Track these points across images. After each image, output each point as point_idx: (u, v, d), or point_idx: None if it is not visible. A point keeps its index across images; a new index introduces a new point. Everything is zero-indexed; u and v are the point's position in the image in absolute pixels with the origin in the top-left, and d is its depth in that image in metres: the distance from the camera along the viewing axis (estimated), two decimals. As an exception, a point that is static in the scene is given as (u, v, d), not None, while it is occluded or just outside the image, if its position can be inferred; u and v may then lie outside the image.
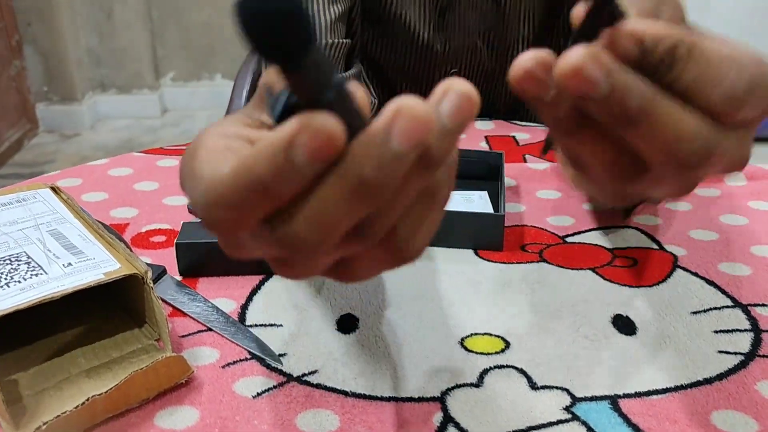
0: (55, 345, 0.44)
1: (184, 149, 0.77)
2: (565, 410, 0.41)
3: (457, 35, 0.79)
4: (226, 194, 0.21)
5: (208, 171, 0.22)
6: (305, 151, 0.19)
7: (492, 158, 0.68)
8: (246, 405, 0.41)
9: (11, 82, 2.67)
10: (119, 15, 2.84)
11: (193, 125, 2.95)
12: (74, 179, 0.70)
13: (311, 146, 0.19)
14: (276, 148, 0.20)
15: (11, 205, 0.49)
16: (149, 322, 0.44)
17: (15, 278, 0.41)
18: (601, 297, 0.51)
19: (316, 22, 0.63)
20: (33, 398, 0.39)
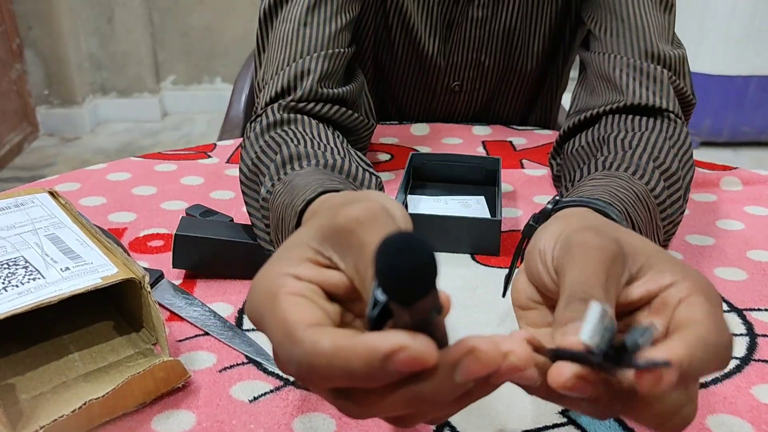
0: (52, 349, 0.44)
1: (182, 153, 0.78)
2: (560, 414, 0.41)
3: (462, 50, 0.79)
4: (321, 370, 0.25)
5: (308, 337, 0.26)
6: (399, 365, 0.24)
7: (489, 163, 0.68)
8: (243, 409, 0.41)
9: (12, 86, 2.68)
10: (120, 19, 2.84)
11: (194, 129, 2.95)
12: (72, 184, 0.70)
13: (406, 362, 0.24)
14: (375, 357, 0.24)
15: (9, 209, 0.50)
16: (146, 326, 0.45)
17: (13, 282, 0.41)
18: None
19: (321, 32, 0.63)
20: (30, 402, 0.40)
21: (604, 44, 0.64)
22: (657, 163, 0.52)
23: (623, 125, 0.58)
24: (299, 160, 0.49)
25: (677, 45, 0.65)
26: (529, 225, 0.43)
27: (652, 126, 0.57)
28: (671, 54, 0.62)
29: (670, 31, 0.65)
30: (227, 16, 2.92)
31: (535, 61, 0.82)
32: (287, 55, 0.62)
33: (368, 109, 0.68)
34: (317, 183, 0.41)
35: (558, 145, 0.65)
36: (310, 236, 0.31)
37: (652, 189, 0.49)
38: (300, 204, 0.40)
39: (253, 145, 0.55)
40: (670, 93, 0.60)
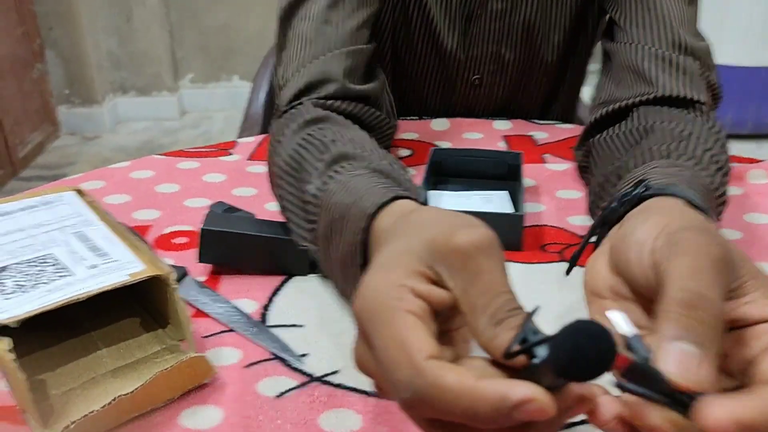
0: (81, 345, 0.44)
1: (204, 151, 0.78)
2: (587, 411, 0.40)
3: (481, 43, 0.79)
4: (442, 405, 0.26)
5: (431, 371, 0.26)
6: (526, 415, 0.25)
7: (511, 158, 0.68)
8: (269, 405, 0.41)
9: (34, 86, 2.71)
10: (138, 18, 2.87)
11: (212, 126, 2.97)
12: (97, 182, 0.71)
13: (533, 413, 0.25)
14: (505, 404, 0.25)
15: (37, 207, 0.50)
16: (173, 322, 0.45)
17: (42, 280, 0.41)
18: (622, 297, 0.51)
19: (342, 28, 0.63)
20: (60, 398, 0.40)
21: (629, 35, 0.64)
22: (710, 154, 0.50)
23: (661, 116, 0.57)
24: (347, 160, 0.48)
25: (701, 37, 0.65)
26: (612, 208, 0.41)
27: (692, 118, 0.56)
28: (698, 45, 0.61)
29: (695, 23, 0.65)
30: (244, 14, 2.93)
31: (555, 53, 0.81)
32: (309, 53, 0.62)
33: (390, 108, 0.68)
34: (383, 187, 0.41)
35: (584, 136, 0.65)
36: (420, 247, 0.31)
37: (711, 182, 0.48)
38: (370, 207, 0.39)
39: (291, 139, 0.53)
40: (701, 84, 0.59)
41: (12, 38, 2.55)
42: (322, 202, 0.45)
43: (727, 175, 0.52)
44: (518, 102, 0.87)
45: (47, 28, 2.74)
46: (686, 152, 0.50)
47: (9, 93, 2.50)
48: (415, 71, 0.83)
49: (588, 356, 0.24)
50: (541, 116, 0.90)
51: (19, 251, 0.45)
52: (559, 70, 0.85)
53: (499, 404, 0.25)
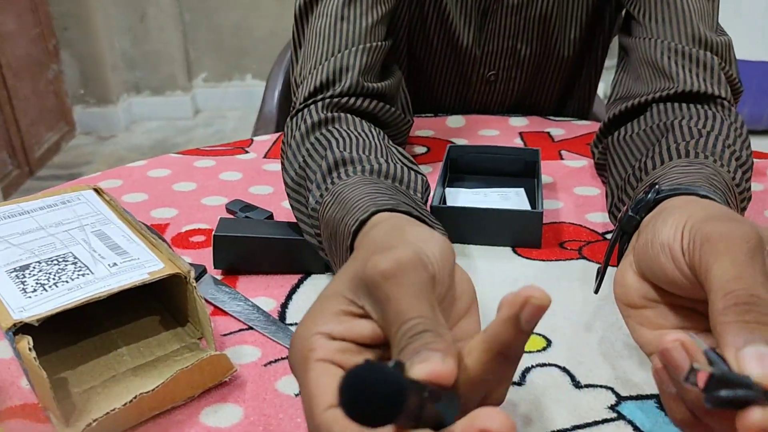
0: (101, 343, 0.44)
1: (220, 149, 0.78)
2: (610, 409, 0.40)
3: (497, 38, 0.78)
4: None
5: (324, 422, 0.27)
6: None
7: (528, 155, 0.67)
8: (289, 403, 0.41)
9: (49, 86, 2.73)
10: (152, 18, 2.88)
11: (225, 125, 2.98)
12: (114, 180, 0.71)
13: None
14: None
15: (56, 206, 0.50)
16: (192, 321, 0.45)
17: (63, 278, 0.42)
18: (643, 294, 0.50)
19: (358, 25, 0.63)
20: (81, 396, 0.40)
21: (648, 29, 0.63)
22: (731, 150, 0.50)
23: (681, 112, 0.56)
24: (344, 166, 0.48)
25: (721, 32, 0.64)
26: (629, 216, 0.41)
27: (713, 114, 0.55)
28: (717, 40, 0.60)
29: (714, 18, 0.64)
30: (256, 13, 2.94)
31: (572, 49, 0.80)
32: (325, 50, 0.62)
33: (405, 105, 0.68)
34: (368, 199, 0.41)
35: (602, 133, 0.64)
36: (344, 285, 0.32)
37: (733, 178, 0.47)
38: (353, 224, 0.40)
39: (300, 149, 0.54)
40: (722, 79, 0.59)
41: (28, 39, 2.57)
42: (320, 215, 0.46)
43: (750, 171, 0.51)
44: (534, 98, 0.87)
45: (62, 29, 2.77)
46: (706, 149, 0.49)
47: (25, 93, 2.52)
48: (430, 67, 0.83)
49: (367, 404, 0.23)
50: (557, 112, 0.89)
51: (40, 250, 0.45)
52: (575, 66, 0.84)
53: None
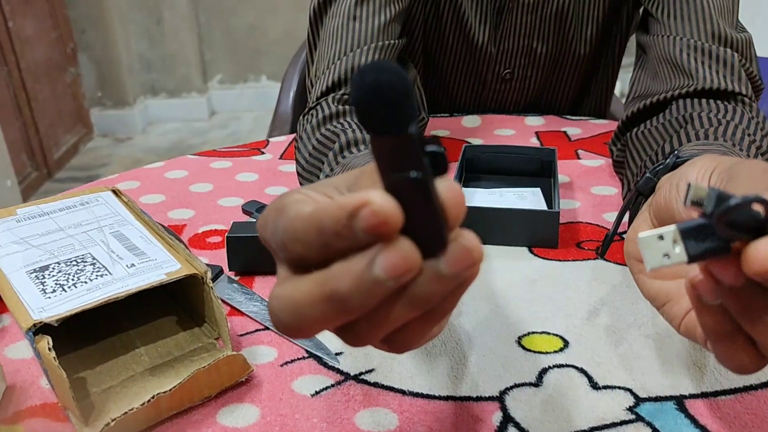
0: (120, 343, 0.45)
1: (237, 150, 0.79)
2: (628, 410, 0.40)
3: (513, 36, 0.78)
4: (300, 230, 0.23)
5: (294, 209, 0.24)
6: (363, 221, 0.21)
7: (544, 154, 0.67)
8: (305, 403, 0.41)
9: (67, 89, 2.76)
10: (168, 21, 2.90)
11: (240, 126, 3.00)
12: (132, 182, 0.72)
13: (367, 218, 0.21)
14: (343, 210, 0.21)
15: (75, 208, 0.51)
16: (209, 321, 0.45)
17: (81, 279, 0.42)
18: (662, 294, 0.50)
19: (370, 24, 0.63)
20: (100, 395, 0.41)
21: (666, 27, 0.62)
22: (750, 139, 0.49)
23: (700, 107, 0.56)
24: (356, 145, 0.49)
25: (741, 29, 0.63)
26: (646, 177, 0.41)
27: (732, 107, 0.55)
28: (738, 36, 0.60)
29: (734, 15, 0.63)
30: (270, 15, 2.95)
31: (588, 47, 0.80)
32: (338, 49, 0.62)
33: (420, 103, 0.68)
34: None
35: (620, 131, 0.63)
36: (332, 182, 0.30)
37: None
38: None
39: (310, 138, 0.55)
40: (742, 76, 0.58)
41: (46, 43, 2.60)
42: None
43: (766, 156, 0.50)
44: (550, 96, 0.86)
45: (80, 32, 2.80)
46: (725, 135, 0.49)
47: (44, 96, 2.55)
48: (446, 66, 0.82)
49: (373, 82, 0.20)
50: (574, 111, 0.88)
51: (59, 251, 0.45)
52: (591, 64, 0.84)
53: (339, 212, 0.22)
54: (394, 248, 0.21)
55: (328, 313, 0.22)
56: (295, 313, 0.23)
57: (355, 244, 0.22)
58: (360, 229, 0.21)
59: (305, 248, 0.23)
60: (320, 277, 0.22)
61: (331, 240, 0.22)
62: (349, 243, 0.22)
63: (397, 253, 0.21)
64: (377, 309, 0.23)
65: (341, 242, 0.22)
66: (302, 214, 0.23)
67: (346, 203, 0.21)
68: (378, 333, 0.24)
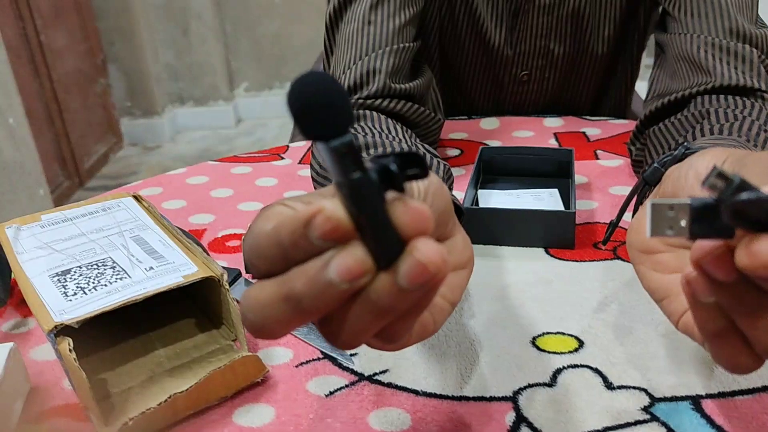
0: (140, 345, 0.46)
1: (257, 156, 0.80)
2: (643, 411, 0.39)
3: (529, 38, 0.78)
4: (262, 247, 0.24)
5: (257, 227, 0.25)
6: (316, 230, 0.22)
7: (561, 155, 0.67)
8: (319, 403, 0.42)
9: (97, 99, 2.82)
10: (195, 31, 2.95)
11: (266, 133, 3.03)
12: (155, 188, 0.73)
13: (324, 228, 0.22)
14: (298, 221, 0.22)
15: (97, 213, 0.52)
16: (226, 323, 0.46)
17: (102, 282, 0.43)
18: (680, 294, 0.49)
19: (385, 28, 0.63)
20: (120, 396, 0.42)
21: (683, 24, 0.62)
22: (767, 135, 0.49)
23: (719, 104, 0.55)
24: (368, 149, 0.49)
25: (762, 25, 0.62)
26: (654, 167, 0.41)
27: (751, 103, 0.54)
28: (758, 33, 0.59)
29: (754, 11, 0.62)
30: (295, 23, 2.98)
31: (605, 46, 0.79)
32: (353, 54, 0.63)
33: (436, 104, 0.68)
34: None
35: (639, 130, 0.63)
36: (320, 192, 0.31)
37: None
38: None
39: None
40: (761, 72, 0.57)
41: (76, 54, 2.66)
42: None
43: None
44: (568, 97, 0.86)
45: (109, 44, 2.86)
46: (741, 131, 0.48)
47: (74, 107, 2.61)
48: (462, 69, 0.83)
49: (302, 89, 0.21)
50: (593, 112, 0.88)
51: (81, 255, 0.47)
52: (609, 64, 0.83)
53: (295, 223, 0.22)
54: (346, 252, 0.22)
55: (287, 313, 0.23)
56: (259, 312, 0.24)
57: (313, 254, 0.23)
58: (315, 237, 0.22)
59: (268, 264, 0.24)
60: (280, 278, 0.23)
61: (290, 252, 0.23)
62: (307, 254, 0.23)
63: (349, 257, 0.22)
64: (343, 312, 0.23)
65: (299, 253, 0.23)
66: (264, 230, 0.24)
67: (302, 213, 0.22)
68: (354, 335, 0.24)
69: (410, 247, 0.22)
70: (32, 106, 2.31)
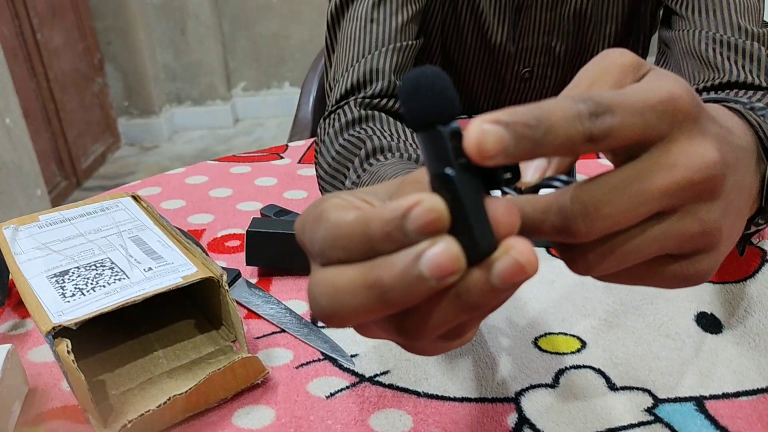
0: (138, 347, 0.45)
1: (256, 156, 0.79)
2: (647, 412, 0.39)
3: (531, 35, 0.78)
4: (342, 237, 0.23)
5: (335, 216, 0.24)
6: (414, 222, 0.22)
7: (563, 154, 0.66)
8: (320, 405, 0.41)
9: (95, 99, 2.82)
10: (192, 30, 2.95)
11: (264, 133, 3.02)
12: (154, 188, 0.73)
13: (424, 219, 0.21)
14: (395, 212, 0.22)
15: (95, 213, 0.52)
16: (226, 324, 0.46)
17: (100, 283, 0.43)
18: (683, 294, 0.49)
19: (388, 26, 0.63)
20: (118, 398, 0.41)
21: (689, 22, 0.62)
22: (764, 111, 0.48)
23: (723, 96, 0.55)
24: (383, 152, 0.49)
25: (766, 24, 0.62)
26: None
27: (757, 98, 0.54)
28: (762, 31, 0.59)
29: (761, 13, 0.62)
30: (293, 23, 2.98)
31: (608, 45, 0.79)
32: (356, 53, 0.62)
33: None
34: (405, 171, 0.41)
35: None
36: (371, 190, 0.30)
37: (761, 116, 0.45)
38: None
39: (333, 143, 0.55)
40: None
41: (74, 54, 2.65)
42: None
43: None
44: None
45: (106, 43, 2.85)
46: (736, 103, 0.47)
47: (72, 106, 2.60)
48: (464, 66, 0.82)
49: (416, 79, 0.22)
50: None
51: (79, 256, 0.46)
52: None
53: (390, 215, 0.22)
54: (441, 247, 0.21)
55: (368, 302, 0.22)
56: (335, 298, 0.23)
57: (402, 246, 0.22)
58: (412, 229, 0.21)
59: (346, 253, 0.23)
60: (365, 265, 0.23)
61: (377, 245, 0.22)
62: (396, 246, 0.22)
63: (444, 253, 0.21)
64: (427, 306, 0.23)
65: (387, 245, 0.22)
66: (345, 220, 0.23)
67: (399, 204, 0.22)
68: (432, 329, 0.24)
69: (507, 246, 0.22)
70: (29, 105, 2.30)
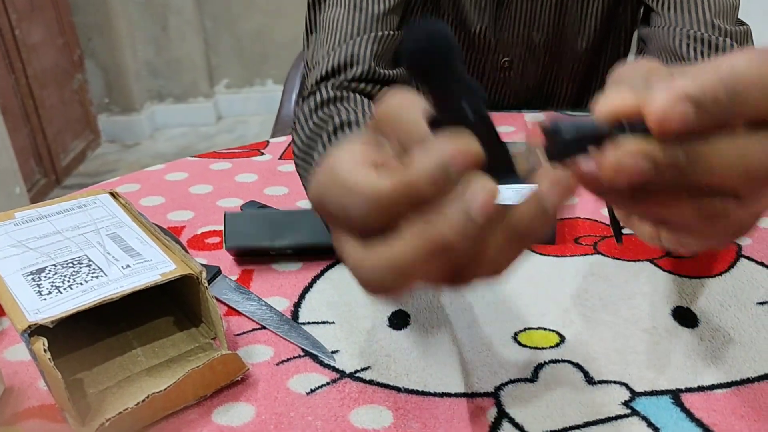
0: (117, 345, 0.45)
1: (237, 152, 0.79)
2: (624, 405, 0.39)
3: (512, 26, 0.78)
4: (387, 205, 0.24)
5: (365, 183, 0.24)
6: (457, 160, 0.23)
7: (543, 150, 0.67)
8: (300, 401, 0.41)
9: (74, 95, 2.78)
10: (174, 27, 2.92)
11: (247, 130, 3.01)
12: (132, 185, 0.72)
13: (462, 162, 0.23)
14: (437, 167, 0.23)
15: (72, 210, 0.51)
16: (205, 321, 0.45)
17: (77, 280, 0.42)
18: (660, 289, 0.50)
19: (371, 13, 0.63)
20: (97, 396, 0.41)
21: (665, 18, 0.63)
22: None
23: None
24: (349, 126, 0.49)
25: (740, 22, 0.63)
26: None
27: None
28: (735, 29, 0.60)
29: (734, 10, 0.63)
30: (277, 20, 2.96)
31: (587, 41, 0.80)
32: (338, 37, 0.63)
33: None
34: None
35: None
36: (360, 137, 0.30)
37: None
38: None
39: (307, 121, 0.56)
40: None
41: (53, 49, 2.62)
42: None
43: None
44: (549, 90, 0.86)
45: (87, 39, 2.82)
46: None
47: (51, 103, 2.57)
48: None
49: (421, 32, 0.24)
50: (576, 105, 0.88)
51: (56, 253, 0.46)
52: (592, 60, 0.83)
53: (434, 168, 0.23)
54: (481, 187, 0.23)
55: (437, 265, 0.23)
56: (401, 272, 0.24)
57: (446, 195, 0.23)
58: (455, 173, 0.23)
59: (393, 220, 0.24)
60: (420, 233, 0.23)
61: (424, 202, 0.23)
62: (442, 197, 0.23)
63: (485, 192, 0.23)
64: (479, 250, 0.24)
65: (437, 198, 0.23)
66: (384, 188, 0.24)
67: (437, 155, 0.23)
68: (482, 272, 0.25)
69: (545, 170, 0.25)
70: (7, 102, 2.27)
